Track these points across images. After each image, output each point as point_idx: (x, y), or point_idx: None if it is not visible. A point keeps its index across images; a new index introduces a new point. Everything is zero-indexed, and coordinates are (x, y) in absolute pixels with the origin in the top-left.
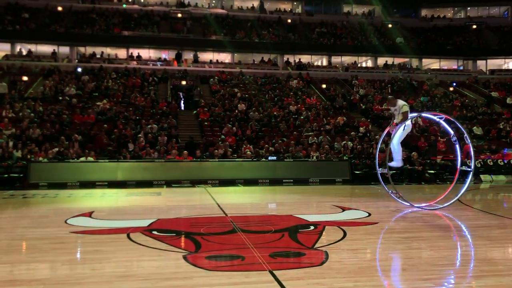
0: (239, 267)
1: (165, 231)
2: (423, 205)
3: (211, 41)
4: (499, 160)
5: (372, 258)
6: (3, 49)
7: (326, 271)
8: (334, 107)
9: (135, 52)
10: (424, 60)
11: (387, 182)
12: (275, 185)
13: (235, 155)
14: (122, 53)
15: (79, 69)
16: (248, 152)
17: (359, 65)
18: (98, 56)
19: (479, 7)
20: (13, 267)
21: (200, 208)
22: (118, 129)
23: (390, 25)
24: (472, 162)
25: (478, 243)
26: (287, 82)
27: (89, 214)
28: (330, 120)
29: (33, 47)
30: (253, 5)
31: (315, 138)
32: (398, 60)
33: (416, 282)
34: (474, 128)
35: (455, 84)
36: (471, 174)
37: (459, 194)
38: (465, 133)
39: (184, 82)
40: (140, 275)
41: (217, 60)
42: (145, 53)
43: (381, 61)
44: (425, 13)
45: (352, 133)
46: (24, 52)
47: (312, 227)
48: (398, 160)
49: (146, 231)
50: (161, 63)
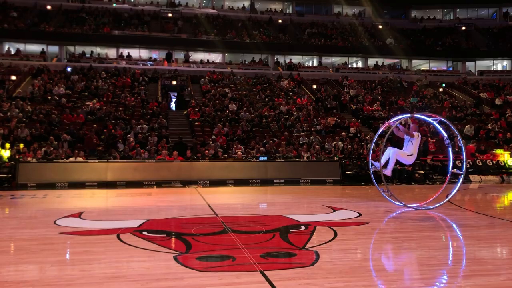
0: (230, 268)
1: (155, 231)
2: (414, 205)
3: (201, 41)
4: (487, 161)
5: (363, 258)
6: None
7: (317, 271)
8: (325, 108)
9: (125, 51)
10: (414, 61)
11: (379, 182)
12: (266, 185)
13: (226, 155)
14: (112, 52)
15: (69, 69)
16: (239, 152)
17: (349, 65)
18: (88, 55)
19: (468, 8)
20: (1, 268)
21: (190, 208)
22: (108, 129)
23: (381, 26)
24: (463, 165)
25: (467, 242)
26: (278, 83)
27: (78, 215)
28: (320, 121)
29: (22, 46)
30: (243, 5)
31: (306, 138)
32: (388, 61)
33: (407, 282)
34: (467, 127)
35: (444, 85)
36: (462, 177)
37: (449, 195)
38: (458, 135)
39: (174, 82)
40: (130, 276)
41: (208, 60)
42: (135, 52)
43: (371, 61)
44: (414, 14)
45: (343, 133)
46: (13, 51)
47: (303, 228)
48: (389, 170)
49: (137, 231)
50: (151, 63)
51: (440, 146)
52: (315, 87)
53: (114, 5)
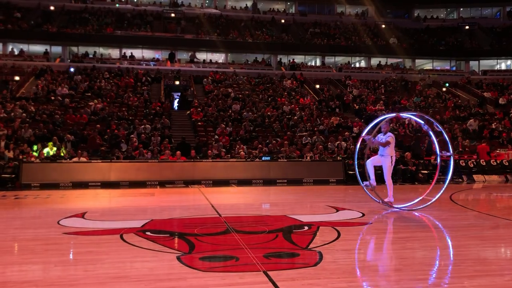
0: (233, 268)
1: (158, 231)
2: (402, 206)
3: (204, 41)
4: (491, 160)
5: (366, 258)
6: None
7: (321, 271)
8: (328, 107)
9: (128, 52)
10: (417, 60)
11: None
12: (269, 185)
13: (229, 155)
14: (115, 53)
15: (72, 69)
16: (242, 152)
17: (352, 65)
18: (91, 56)
19: (471, 8)
20: (5, 268)
21: (193, 208)
22: (111, 129)
23: (383, 26)
24: (449, 147)
25: (471, 243)
26: (280, 82)
27: (81, 215)
28: (323, 120)
29: (25, 47)
30: (246, 5)
31: (309, 138)
32: (391, 61)
33: (410, 282)
34: (471, 121)
35: (448, 84)
36: (451, 168)
37: (437, 195)
38: (441, 128)
39: (177, 82)
40: (133, 276)
41: (211, 60)
42: (138, 53)
43: (374, 61)
44: (417, 13)
45: (346, 133)
46: (16, 52)
47: (306, 228)
48: (372, 180)
49: (140, 231)
50: (154, 63)
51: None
52: (318, 86)
53: (117, 5)
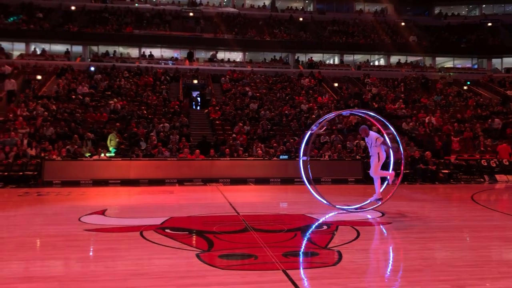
0: (252, 266)
1: (178, 229)
2: (345, 207)
3: (222, 40)
4: None
5: (386, 258)
6: (18, 48)
7: (340, 271)
8: (347, 106)
9: (147, 51)
10: (437, 58)
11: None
12: (286, 184)
13: (246, 154)
14: (134, 52)
15: (92, 68)
16: (259, 151)
17: (371, 63)
18: (111, 55)
19: (494, 4)
20: (28, 263)
21: (212, 206)
22: (130, 127)
23: (403, 23)
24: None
25: (494, 244)
26: (298, 81)
27: (102, 212)
28: (342, 119)
29: (47, 46)
30: (264, 3)
31: (327, 137)
32: (411, 59)
33: (431, 283)
34: (497, 120)
35: (469, 82)
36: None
37: (373, 196)
38: (393, 130)
39: (195, 81)
40: (153, 273)
41: (228, 59)
42: (157, 52)
43: (394, 59)
44: (438, 11)
45: None
46: (38, 52)
47: (325, 227)
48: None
49: (159, 229)
50: (172, 62)
51: (465, 144)
52: (336, 85)
53: (136, 5)
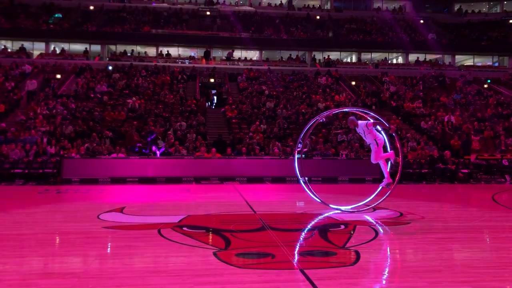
0: (269, 265)
1: (195, 227)
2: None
3: (239, 38)
4: None
5: (404, 258)
6: (38, 48)
7: (358, 271)
8: (364, 105)
9: (164, 50)
10: (457, 56)
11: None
12: None
13: (263, 152)
14: (151, 51)
15: (110, 67)
16: (276, 150)
17: (389, 61)
18: (129, 54)
19: None
20: (48, 260)
21: (229, 205)
22: (148, 126)
23: (422, 21)
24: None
25: None
26: (315, 79)
27: (120, 210)
28: (359, 118)
29: (66, 46)
30: (281, 2)
31: (345, 136)
32: (429, 57)
33: (451, 284)
34: None
35: (489, 81)
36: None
37: (370, 197)
38: (387, 125)
39: (212, 80)
40: (171, 271)
41: (245, 58)
42: (174, 51)
43: (412, 57)
44: (458, 8)
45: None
46: (58, 51)
47: (342, 226)
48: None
49: (177, 227)
50: (189, 61)
51: (485, 144)
52: (353, 83)
53: (154, 4)
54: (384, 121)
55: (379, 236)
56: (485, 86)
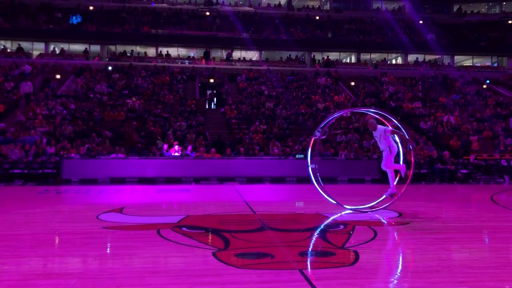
0: (268, 265)
1: (194, 227)
2: (353, 207)
3: (238, 39)
4: None
5: (404, 259)
6: (37, 48)
7: (357, 271)
8: (364, 105)
9: (164, 50)
10: (456, 57)
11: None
12: (302, 183)
13: (262, 152)
14: (151, 51)
15: (110, 67)
16: (276, 150)
17: (388, 62)
18: (128, 54)
19: None
20: (47, 260)
21: (228, 205)
22: (147, 126)
23: (421, 21)
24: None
25: None
26: (314, 80)
27: (119, 210)
28: (359, 118)
29: (66, 46)
30: (280, 2)
31: (344, 136)
32: (429, 57)
33: (449, 285)
34: None
35: (488, 81)
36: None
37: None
38: (396, 123)
39: (212, 80)
40: (170, 271)
41: (245, 58)
42: (174, 51)
43: (411, 58)
44: (457, 8)
45: None
46: (57, 51)
47: (341, 227)
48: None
49: (176, 227)
50: (189, 61)
51: (485, 144)
52: (353, 84)
53: (153, 4)
54: (405, 133)
55: (378, 236)
56: (484, 86)
